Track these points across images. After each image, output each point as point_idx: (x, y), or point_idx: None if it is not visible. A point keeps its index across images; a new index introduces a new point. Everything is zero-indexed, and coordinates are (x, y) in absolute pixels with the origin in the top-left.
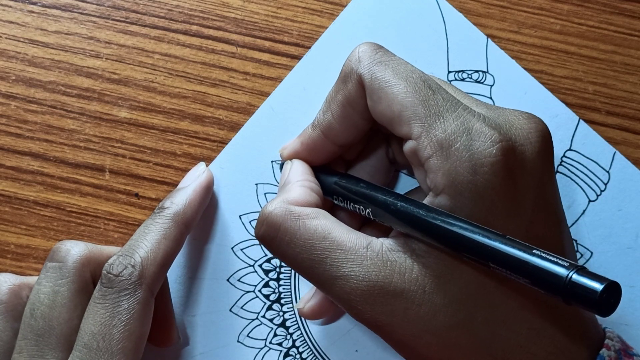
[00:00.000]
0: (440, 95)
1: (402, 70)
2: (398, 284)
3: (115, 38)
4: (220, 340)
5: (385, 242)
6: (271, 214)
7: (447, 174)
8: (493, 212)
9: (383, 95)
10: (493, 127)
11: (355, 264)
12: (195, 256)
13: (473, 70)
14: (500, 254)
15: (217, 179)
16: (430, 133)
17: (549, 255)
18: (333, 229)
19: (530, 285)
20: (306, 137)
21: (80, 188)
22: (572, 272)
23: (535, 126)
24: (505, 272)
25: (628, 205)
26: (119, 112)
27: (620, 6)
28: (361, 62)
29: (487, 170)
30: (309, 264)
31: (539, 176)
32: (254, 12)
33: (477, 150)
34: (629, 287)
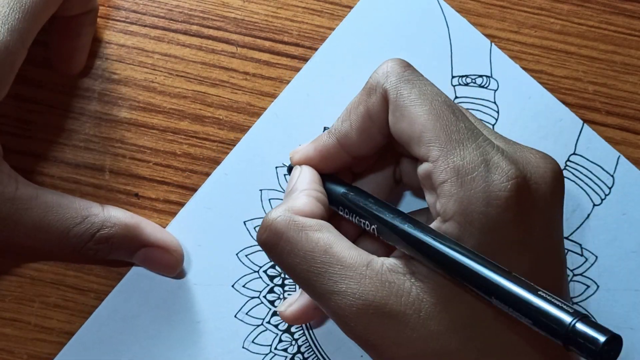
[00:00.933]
0: (463, 123)
1: (429, 92)
2: (394, 306)
3: (115, 38)
4: (225, 347)
5: (386, 262)
6: (275, 221)
7: (459, 201)
8: (500, 246)
9: (406, 114)
10: (511, 162)
11: (353, 281)
12: (200, 262)
13: (477, 75)
14: (504, 290)
15: (221, 185)
16: (449, 159)
17: (554, 298)
18: (335, 244)
19: (531, 326)
20: (320, 144)
21: (80, 188)
22: (576, 320)
23: (552, 167)
24: (508, 309)
25: (632, 209)
26: (119, 112)
27: (620, 6)
28: (389, 78)
29: (500, 204)
30: (308, 276)
31: (549, 216)
32: (254, 12)
33: (493, 183)
34: (633, 291)
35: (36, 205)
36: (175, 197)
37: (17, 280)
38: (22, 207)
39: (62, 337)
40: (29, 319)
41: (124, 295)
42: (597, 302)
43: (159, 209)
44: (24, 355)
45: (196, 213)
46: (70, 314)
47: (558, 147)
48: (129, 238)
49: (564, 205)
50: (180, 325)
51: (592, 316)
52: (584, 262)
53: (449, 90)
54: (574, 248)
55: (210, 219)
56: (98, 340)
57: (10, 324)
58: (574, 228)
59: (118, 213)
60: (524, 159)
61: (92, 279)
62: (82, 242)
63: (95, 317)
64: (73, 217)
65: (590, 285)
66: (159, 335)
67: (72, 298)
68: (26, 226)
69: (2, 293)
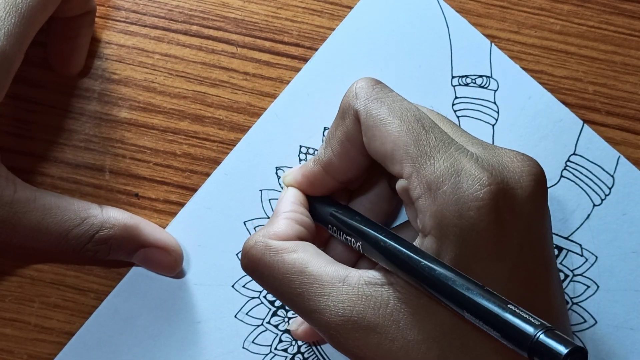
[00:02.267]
0: (433, 134)
1: (398, 107)
2: (372, 319)
3: (115, 38)
4: (225, 347)
5: (364, 275)
6: (252, 248)
7: (434, 215)
8: (476, 257)
9: (377, 133)
10: (484, 169)
11: (330, 298)
12: (200, 262)
13: (477, 75)
14: (475, 304)
15: (221, 185)
16: (420, 173)
17: (522, 312)
18: (310, 263)
19: (500, 339)
20: (307, 171)
21: (80, 188)
22: (540, 333)
23: (529, 169)
24: (478, 322)
25: (633, 209)
26: (119, 112)
27: (620, 6)
28: (358, 98)
29: (472, 215)
30: (289, 297)
31: (528, 220)
32: (254, 12)
33: (465, 194)
34: (633, 292)
35: (35, 207)
36: (175, 197)
37: (17, 280)
38: (20, 210)
39: (62, 337)
40: (29, 319)
41: (124, 295)
42: (597, 302)
43: (159, 209)
44: (24, 355)
45: (196, 213)
46: (70, 314)
47: (558, 147)
48: (128, 239)
49: (564, 206)
50: (180, 325)
51: (594, 317)
52: (584, 262)
53: (449, 90)
54: (574, 248)
55: (210, 219)
56: (98, 341)
57: (10, 324)
58: (574, 228)
59: (117, 214)
60: (500, 164)
61: (92, 279)
62: (82, 243)
63: (95, 317)
64: (72, 219)
65: (590, 286)
66: (159, 336)
67: (72, 298)
68: (25, 229)
69: (2, 293)
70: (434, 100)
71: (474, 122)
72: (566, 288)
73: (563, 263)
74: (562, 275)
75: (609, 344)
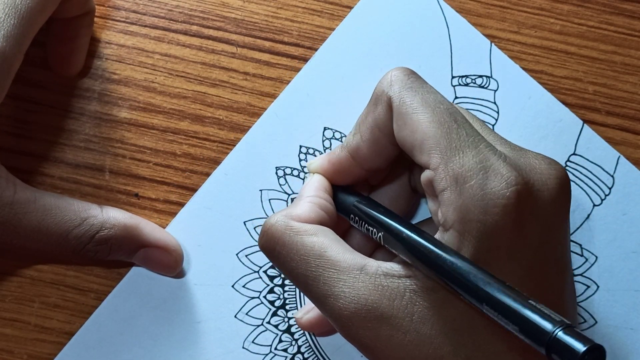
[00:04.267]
0: (464, 129)
1: (432, 99)
2: (386, 310)
3: (115, 38)
4: (225, 347)
5: (382, 266)
6: (272, 226)
7: (458, 209)
8: (494, 254)
9: (408, 121)
10: (512, 168)
11: (346, 285)
12: (200, 262)
13: (477, 75)
14: (495, 298)
15: (221, 185)
16: (448, 166)
17: (542, 308)
18: (330, 247)
19: (517, 333)
20: (334, 157)
21: (80, 188)
22: (559, 329)
23: (556, 173)
24: (497, 315)
25: (633, 209)
26: (119, 112)
27: (620, 6)
28: (392, 86)
29: (497, 212)
30: (304, 280)
31: (550, 222)
32: (254, 12)
33: (491, 191)
34: (633, 292)
35: (35, 208)
36: (175, 197)
37: (17, 280)
38: (20, 211)
39: (62, 337)
40: (29, 319)
41: (124, 295)
42: (597, 302)
43: (159, 209)
44: (24, 355)
45: (196, 213)
46: (70, 314)
47: (558, 147)
48: (128, 239)
49: None
50: (180, 325)
51: (594, 317)
52: (584, 262)
53: (449, 90)
54: (574, 248)
55: (210, 219)
56: (98, 341)
57: (10, 324)
58: (574, 228)
59: (117, 214)
60: (528, 165)
61: (92, 279)
62: (82, 243)
63: (95, 317)
64: (72, 220)
65: (591, 286)
66: (159, 336)
67: (72, 298)
68: (25, 230)
69: (2, 293)
70: None
71: None
72: None
73: None
74: None
75: (609, 344)
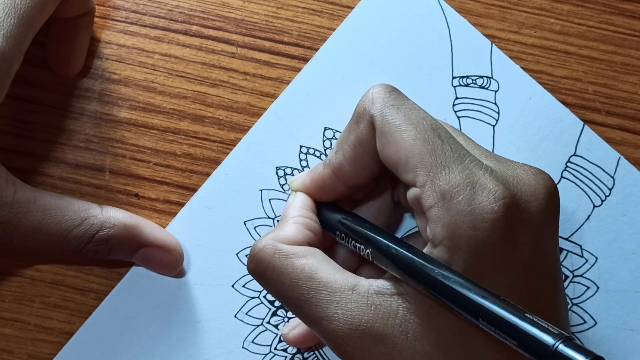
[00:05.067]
0: (449, 145)
1: (414, 116)
2: (380, 329)
3: (115, 38)
4: (225, 347)
5: (374, 284)
6: (261, 251)
7: (446, 226)
8: (485, 268)
9: (392, 139)
10: (499, 182)
11: (339, 306)
12: (200, 262)
13: (477, 76)
14: (491, 313)
15: (221, 185)
16: (435, 183)
17: (540, 321)
18: (320, 269)
19: (517, 348)
20: (316, 175)
21: (80, 188)
22: (559, 343)
23: (544, 183)
24: (494, 331)
25: (633, 210)
26: (119, 112)
27: (620, 6)
28: (374, 104)
29: (486, 227)
30: (296, 303)
31: (540, 233)
32: (254, 12)
33: (479, 205)
34: (633, 293)
35: (35, 208)
36: (175, 197)
37: (17, 280)
38: (20, 210)
39: (62, 337)
40: (29, 319)
41: (123, 294)
42: (597, 303)
43: (159, 209)
44: (24, 355)
45: (196, 213)
46: (70, 314)
47: (558, 148)
48: (129, 238)
49: (564, 207)
50: (180, 325)
51: (594, 318)
52: (584, 263)
53: (450, 90)
54: (574, 249)
55: (210, 219)
56: (98, 340)
57: (10, 324)
58: (574, 229)
59: (117, 213)
60: (515, 177)
61: (92, 279)
62: (82, 243)
63: (95, 316)
64: (72, 219)
65: (590, 287)
66: (159, 335)
67: (72, 298)
68: (25, 230)
69: (2, 293)
70: (434, 100)
71: (475, 123)
72: (566, 289)
73: (563, 264)
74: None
75: (609, 345)
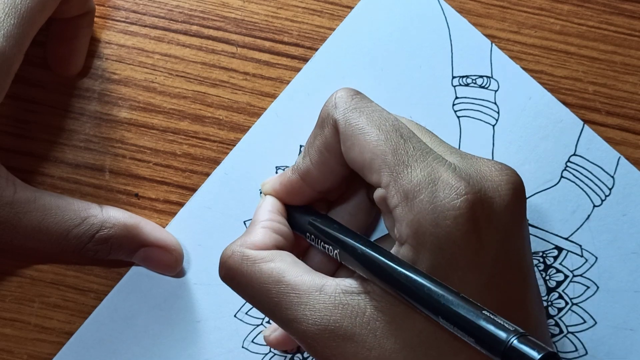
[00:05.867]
0: (411, 143)
1: (377, 117)
2: (348, 328)
3: (115, 38)
4: (224, 346)
5: (341, 284)
6: (229, 258)
7: (410, 224)
8: (453, 266)
9: (355, 142)
10: (461, 178)
11: (307, 307)
12: (200, 262)
13: (477, 76)
14: (449, 310)
15: (221, 185)
16: (398, 182)
17: (496, 318)
18: (287, 272)
19: (474, 345)
20: (285, 180)
21: (80, 188)
22: (513, 338)
23: (507, 178)
24: (453, 328)
25: (633, 210)
26: (119, 112)
27: (620, 6)
28: (337, 108)
29: (449, 224)
30: (267, 306)
31: (506, 229)
32: (254, 12)
33: (441, 203)
34: (633, 292)
35: (35, 208)
36: (175, 197)
37: (17, 280)
38: (20, 210)
39: (62, 337)
40: (29, 319)
41: (123, 294)
42: (597, 303)
43: (159, 209)
44: (24, 355)
45: (196, 213)
46: (70, 314)
47: (558, 147)
48: (129, 238)
49: (564, 207)
50: (180, 324)
51: (593, 318)
52: (584, 263)
53: (450, 90)
54: (574, 249)
55: (210, 218)
56: (97, 340)
57: (10, 324)
58: (574, 229)
59: (117, 213)
60: (478, 173)
61: (92, 279)
62: (82, 243)
63: (94, 316)
64: (72, 219)
65: (590, 286)
66: (159, 335)
67: (72, 298)
68: (25, 229)
69: (2, 293)
70: (434, 100)
71: (475, 123)
72: (566, 289)
73: (563, 264)
74: (562, 276)
75: (609, 345)
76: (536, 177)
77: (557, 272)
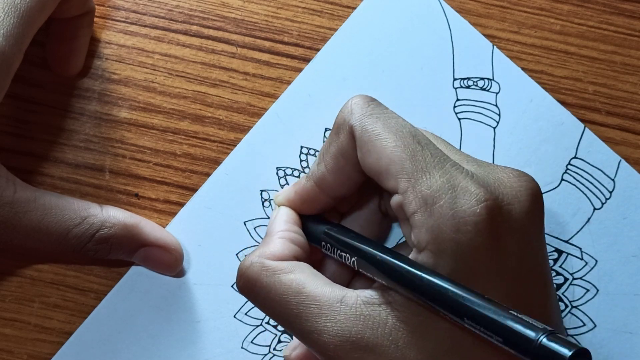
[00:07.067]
0: (429, 150)
1: (393, 124)
2: (370, 339)
3: (115, 38)
4: (224, 347)
5: (362, 295)
6: (248, 269)
7: (430, 230)
8: (474, 272)
9: (372, 148)
10: (480, 185)
11: (328, 319)
12: (200, 262)
13: (479, 78)
14: (475, 311)
15: (221, 185)
16: (416, 188)
17: (524, 317)
18: (307, 283)
19: (502, 345)
20: (300, 188)
21: (80, 188)
22: (542, 336)
23: (526, 184)
24: (479, 329)
25: (633, 213)
26: (119, 112)
27: (620, 6)
28: (353, 114)
29: (470, 230)
30: (286, 318)
31: (526, 236)
32: (254, 12)
33: (461, 209)
34: (633, 295)
35: (35, 207)
36: (175, 197)
37: (17, 280)
38: (20, 210)
39: (62, 337)
40: (29, 319)
41: (123, 294)
42: (597, 306)
43: (159, 209)
44: (24, 355)
45: (196, 213)
46: (70, 314)
47: (559, 150)
48: (129, 238)
49: (564, 209)
50: (179, 324)
51: (593, 321)
52: (584, 266)
53: (451, 92)
54: (574, 252)
55: (210, 219)
56: (97, 340)
57: (10, 324)
58: (574, 232)
59: (117, 213)
60: (496, 180)
61: (92, 279)
62: (82, 242)
63: (94, 316)
64: (72, 219)
65: (590, 289)
66: (158, 335)
67: (72, 298)
68: (25, 229)
69: (2, 293)
70: (435, 102)
71: (475, 125)
72: (565, 291)
73: (563, 266)
74: (561, 279)
75: (608, 348)
76: (537, 179)
77: (557, 274)
